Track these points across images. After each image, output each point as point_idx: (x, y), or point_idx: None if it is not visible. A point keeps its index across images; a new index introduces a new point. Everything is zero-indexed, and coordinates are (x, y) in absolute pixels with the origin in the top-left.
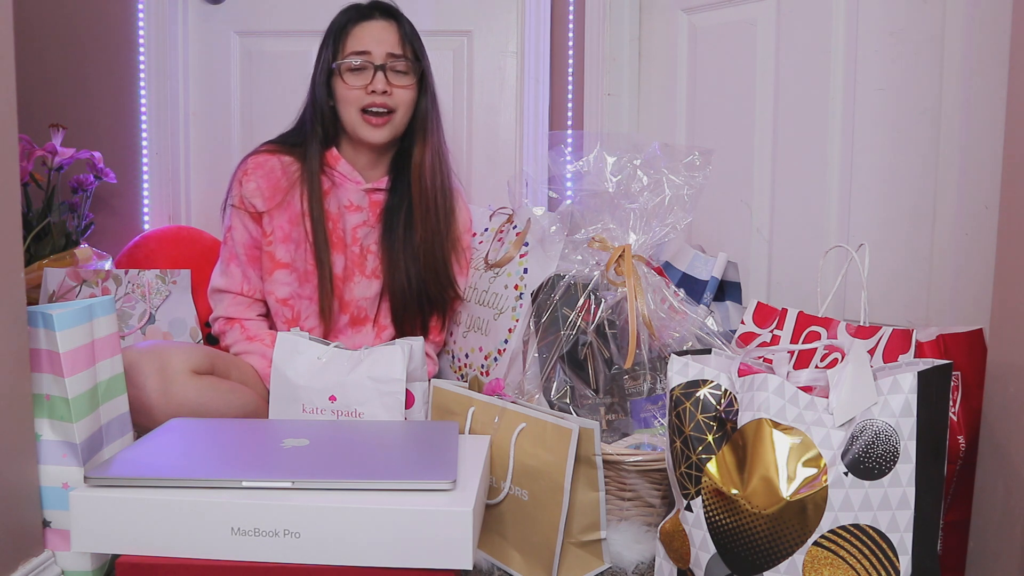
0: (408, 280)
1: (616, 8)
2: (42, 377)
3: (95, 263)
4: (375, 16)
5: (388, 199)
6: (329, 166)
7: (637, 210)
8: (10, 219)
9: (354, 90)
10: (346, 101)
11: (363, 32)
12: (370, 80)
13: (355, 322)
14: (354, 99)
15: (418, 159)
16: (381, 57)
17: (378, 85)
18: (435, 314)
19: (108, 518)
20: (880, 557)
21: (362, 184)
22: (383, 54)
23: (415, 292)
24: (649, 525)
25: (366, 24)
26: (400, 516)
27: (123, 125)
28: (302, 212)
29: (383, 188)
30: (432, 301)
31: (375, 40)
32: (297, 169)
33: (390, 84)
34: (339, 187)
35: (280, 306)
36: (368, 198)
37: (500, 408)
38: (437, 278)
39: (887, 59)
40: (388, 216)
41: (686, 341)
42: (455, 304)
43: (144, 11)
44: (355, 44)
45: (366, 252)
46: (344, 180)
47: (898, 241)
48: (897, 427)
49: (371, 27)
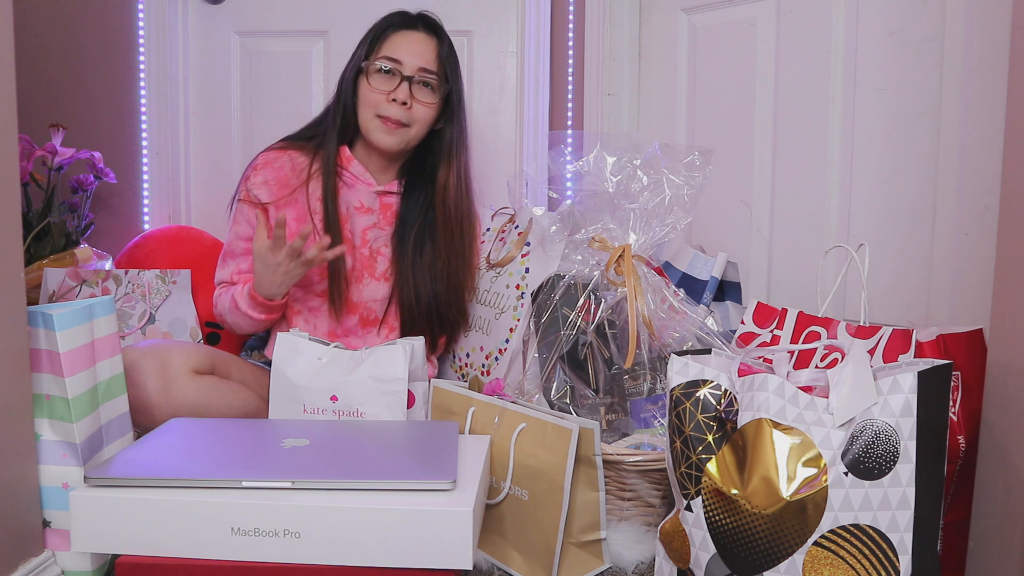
0: (417, 296)
1: (616, 8)
2: (42, 377)
3: (95, 263)
4: (418, 27)
5: (401, 205)
6: (341, 166)
7: (637, 210)
8: (10, 219)
9: (377, 93)
10: (366, 102)
11: (402, 40)
12: (395, 88)
13: (365, 323)
14: (374, 102)
15: (443, 181)
16: (412, 69)
17: (400, 95)
18: (443, 335)
19: (108, 518)
20: (880, 557)
21: (374, 186)
22: (415, 67)
23: (424, 309)
24: (649, 525)
25: (407, 33)
26: (400, 516)
27: (123, 125)
28: (309, 209)
29: (395, 191)
30: (443, 322)
31: (410, 51)
32: (307, 166)
33: (412, 97)
34: (350, 188)
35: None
36: (379, 200)
37: (500, 408)
38: (457, 303)
39: (887, 59)
40: (401, 225)
41: (686, 341)
42: (461, 331)
43: (144, 11)
44: (390, 50)
45: (376, 254)
46: (355, 181)
47: (898, 241)
48: (897, 427)
49: (411, 37)
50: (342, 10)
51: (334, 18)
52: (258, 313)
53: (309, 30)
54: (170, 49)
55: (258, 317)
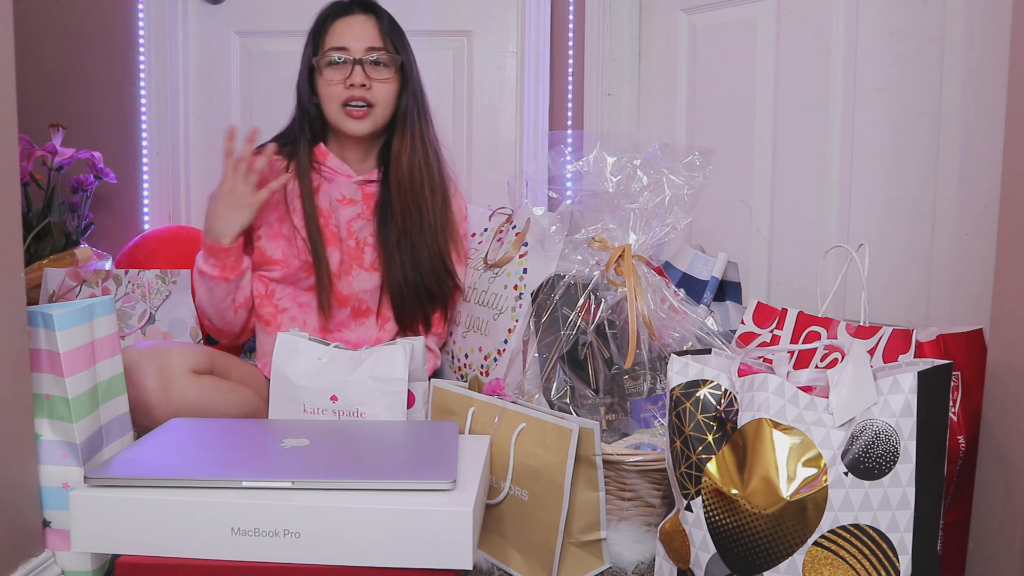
0: (404, 275)
1: (616, 8)
2: (42, 377)
3: (95, 263)
4: (354, 11)
5: (381, 192)
6: (318, 162)
7: (637, 210)
8: (10, 219)
9: (334, 85)
10: (327, 97)
11: (342, 27)
12: (348, 74)
13: (357, 315)
14: (335, 94)
15: (396, 151)
16: (360, 51)
17: (356, 79)
18: (436, 307)
19: (108, 518)
20: (880, 557)
21: (354, 177)
22: (362, 48)
23: (412, 287)
24: (649, 525)
25: (345, 19)
26: (400, 516)
27: (123, 125)
28: (288, 207)
29: (375, 180)
30: (432, 295)
31: (353, 35)
32: (284, 165)
33: (368, 77)
34: (330, 182)
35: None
36: (361, 190)
37: (500, 408)
38: (434, 270)
39: (887, 59)
40: (381, 210)
41: (686, 341)
42: (455, 295)
43: (144, 11)
44: (334, 40)
45: (363, 245)
46: (335, 174)
47: (898, 241)
48: (897, 427)
49: (350, 22)
50: None
51: None
52: (211, 267)
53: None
54: (170, 49)
55: (211, 273)
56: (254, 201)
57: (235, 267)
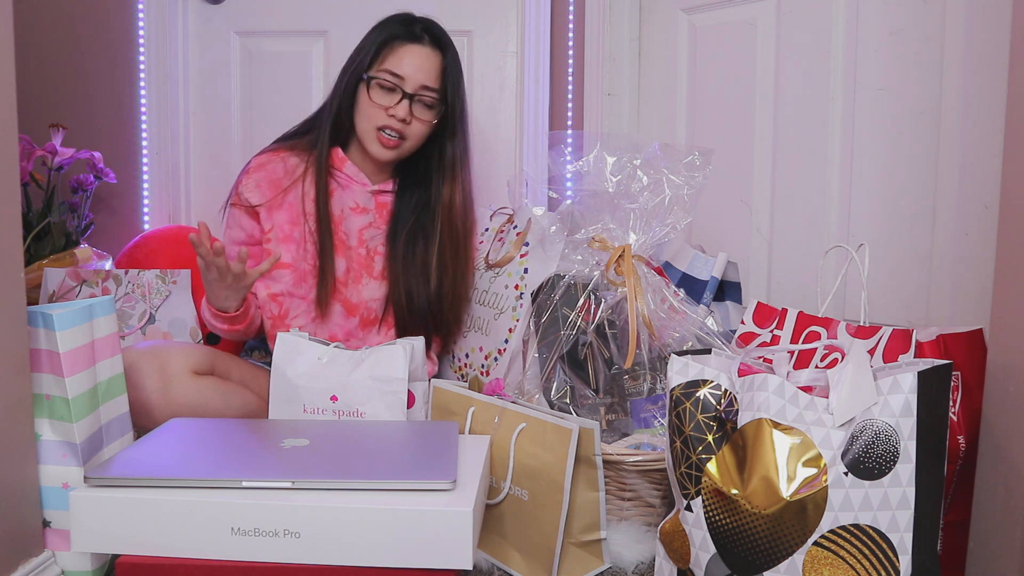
0: (408, 296)
1: (616, 8)
2: (42, 377)
3: (95, 263)
4: (424, 41)
5: (395, 204)
6: (335, 167)
7: (637, 210)
8: (10, 219)
9: (376, 107)
10: (365, 114)
11: (406, 55)
12: (395, 104)
13: (365, 324)
14: (374, 115)
15: (447, 198)
16: (413, 87)
17: (400, 112)
18: (438, 337)
19: (108, 518)
20: (880, 557)
21: (368, 186)
22: (417, 84)
23: (417, 310)
24: (649, 525)
25: (412, 47)
26: (400, 516)
27: (123, 125)
28: (303, 211)
29: (390, 190)
30: (438, 325)
31: (415, 67)
32: (300, 167)
33: (412, 115)
34: (344, 189)
35: (269, 301)
36: (375, 200)
37: (500, 408)
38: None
39: (887, 59)
40: (394, 224)
41: (686, 341)
42: (455, 338)
43: (144, 11)
44: (393, 64)
45: (373, 254)
46: (350, 182)
47: (898, 241)
48: (897, 427)
49: (415, 52)
50: (342, 10)
51: (334, 18)
52: (218, 323)
53: (309, 30)
54: (170, 49)
55: (220, 327)
56: (248, 283)
57: (243, 318)
